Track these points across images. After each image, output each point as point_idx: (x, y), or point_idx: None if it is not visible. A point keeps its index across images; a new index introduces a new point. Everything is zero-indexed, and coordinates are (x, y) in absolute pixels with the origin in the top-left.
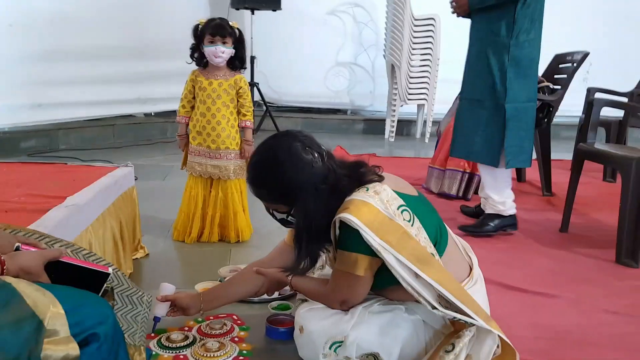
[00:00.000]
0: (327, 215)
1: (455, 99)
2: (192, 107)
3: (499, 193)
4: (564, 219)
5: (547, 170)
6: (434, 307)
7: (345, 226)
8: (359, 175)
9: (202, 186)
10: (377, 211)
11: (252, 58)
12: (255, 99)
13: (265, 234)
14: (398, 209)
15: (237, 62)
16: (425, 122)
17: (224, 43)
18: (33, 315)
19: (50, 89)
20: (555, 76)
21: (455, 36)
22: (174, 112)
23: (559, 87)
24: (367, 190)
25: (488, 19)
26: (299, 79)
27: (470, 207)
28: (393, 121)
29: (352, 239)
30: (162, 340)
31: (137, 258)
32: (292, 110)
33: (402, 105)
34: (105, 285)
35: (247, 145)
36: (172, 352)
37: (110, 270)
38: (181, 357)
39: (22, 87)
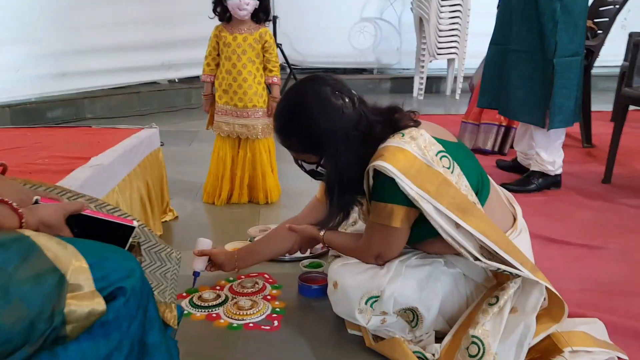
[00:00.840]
0: (360, 163)
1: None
2: (217, 65)
3: (550, 152)
4: (607, 170)
5: (587, 121)
6: (476, 259)
7: (379, 175)
8: (394, 120)
9: (230, 146)
10: (414, 157)
11: (275, 18)
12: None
13: (294, 194)
14: (437, 155)
15: (261, 14)
16: (455, 77)
17: None
18: (54, 269)
19: (75, 58)
20: (595, 20)
21: None
22: (197, 78)
23: (600, 31)
24: (403, 135)
25: None
26: (322, 38)
27: (507, 161)
28: (422, 78)
29: (387, 189)
30: (194, 299)
31: (166, 221)
32: (317, 72)
33: (431, 61)
34: (130, 239)
35: (274, 102)
36: (205, 311)
37: (135, 223)
38: (214, 315)
39: (47, 57)
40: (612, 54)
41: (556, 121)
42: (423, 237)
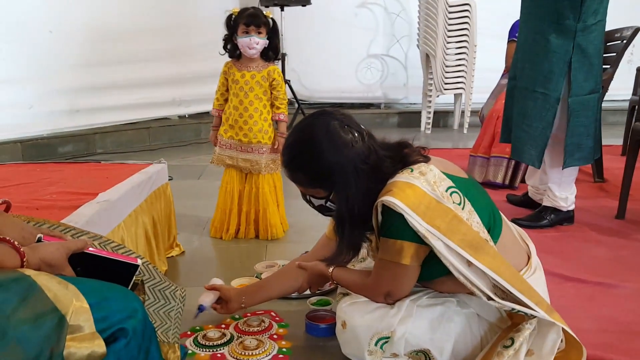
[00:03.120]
0: (369, 198)
1: (499, 80)
2: (226, 100)
3: (563, 188)
4: (620, 205)
5: (599, 156)
6: (489, 298)
7: (388, 211)
8: (403, 155)
9: (237, 181)
10: (424, 193)
11: (283, 55)
12: (287, 97)
13: (301, 229)
14: (447, 190)
15: (270, 53)
16: (463, 112)
17: (258, 33)
18: (54, 310)
19: (87, 94)
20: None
21: (492, 21)
22: (207, 114)
23: (607, 65)
24: (412, 171)
25: None
26: (330, 74)
27: (517, 196)
28: (429, 112)
29: (396, 225)
30: (198, 338)
31: (172, 256)
32: (324, 106)
33: (438, 96)
34: (134, 278)
35: (282, 137)
36: (209, 351)
37: (139, 261)
38: (218, 355)
39: (60, 94)
40: (619, 88)
41: (575, 159)
42: (434, 275)
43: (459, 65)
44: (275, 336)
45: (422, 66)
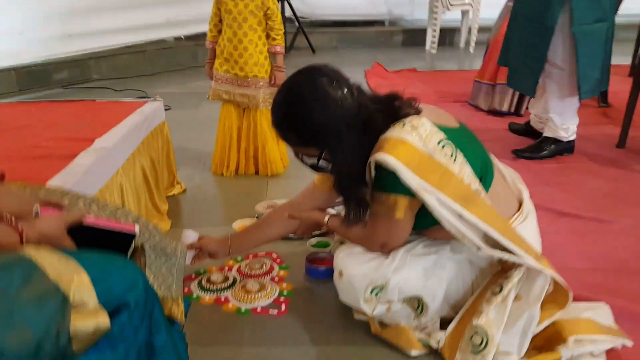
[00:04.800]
0: (362, 154)
1: (506, 1)
2: (220, 31)
3: (564, 117)
4: (622, 134)
5: None
6: (479, 248)
7: (381, 167)
8: (394, 109)
9: (235, 117)
10: (415, 149)
11: None
12: (286, 15)
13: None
14: (439, 144)
15: None
16: (470, 29)
17: None
18: (57, 290)
19: (80, 18)
20: None
21: None
22: (204, 35)
23: None
24: (404, 125)
25: None
26: None
27: (520, 125)
28: (435, 31)
29: (389, 180)
30: (202, 282)
31: (173, 194)
32: (326, 25)
33: (444, 13)
34: (133, 243)
35: (279, 71)
36: (214, 294)
37: (136, 229)
38: (222, 299)
39: (52, 19)
40: (631, 1)
41: (582, 92)
42: (428, 224)
43: None
44: (276, 278)
45: None
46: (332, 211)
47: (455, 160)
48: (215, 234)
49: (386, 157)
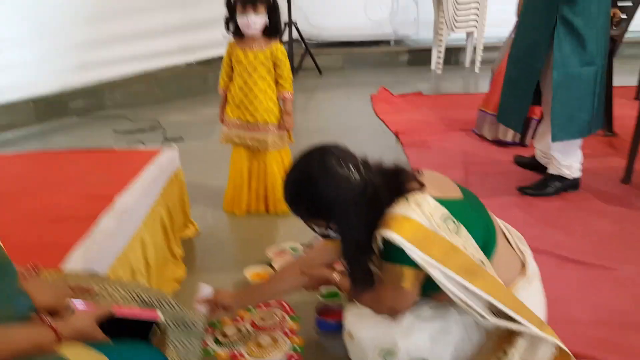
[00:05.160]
0: (369, 228)
1: (511, 32)
2: (231, 79)
3: (566, 155)
4: (627, 168)
5: (609, 106)
6: (484, 318)
7: (388, 241)
8: (398, 184)
9: (246, 158)
10: (419, 225)
11: None
12: (294, 38)
13: None
14: (442, 219)
15: (271, 31)
16: (475, 48)
17: (256, 13)
18: None
19: (95, 48)
20: (620, 3)
21: None
22: (214, 60)
23: (624, 16)
24: (408, 202)
25: None
26: (337, 11)
27: (526, 158)
28: (440, 52)
29: (396, 253)
30: (217, 336)
31: (187, 237)
32: (332, 46)
33: (449, 35)
34: (156, 325)
35: (287, 116)
36: (229, 349)
37: (159, 315)
38: (237, 354)
39: (68, 50)
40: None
41: (567, 132)
42: (434, 290)
43: (472, 2)
44: (288, 331)
45: (433, 2)
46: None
47: (458, 234)
48: (229, 280)
49: (392, 234)
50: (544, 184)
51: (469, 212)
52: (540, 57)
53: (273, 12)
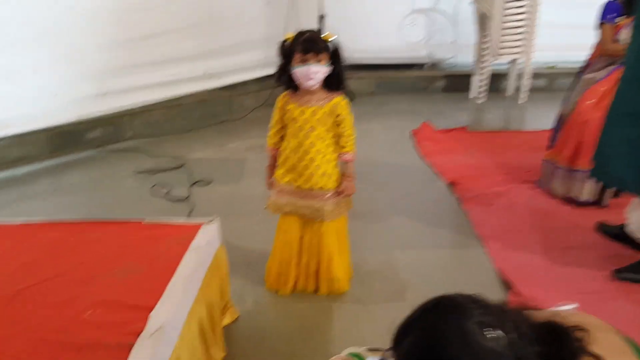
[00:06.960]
0: None
1: (581, 74)
2: (282, 137)
3: None
4: None
5: None
6: None
7: None
8: (557, 350)
9: (297, 228)
10: None
11: (321, 17)
12: None
13: (364, 274)
14: None
15: (334, 82)
16: (519, 76)
17: (318, 61)
18: None
19: (114, 76)
20: None
21: None
22: (239, 85)
23: None
24: None
25: None
26: (371, 32)
27: (613, 227)
28: (481, 80)
29: None
30: None
31: (226, 325)
32: (363, 69)
33: (493, 62)
34: None
35: (348, 180)
36: None
37: None
38: None
39: (86, 78)
40: None
41: None
42: None
43: (519, 27)
44: None
45: (476, 27)
46: None
47: None
48: None
49: None
50: None
51: None
52: None
53: (336, 60)
